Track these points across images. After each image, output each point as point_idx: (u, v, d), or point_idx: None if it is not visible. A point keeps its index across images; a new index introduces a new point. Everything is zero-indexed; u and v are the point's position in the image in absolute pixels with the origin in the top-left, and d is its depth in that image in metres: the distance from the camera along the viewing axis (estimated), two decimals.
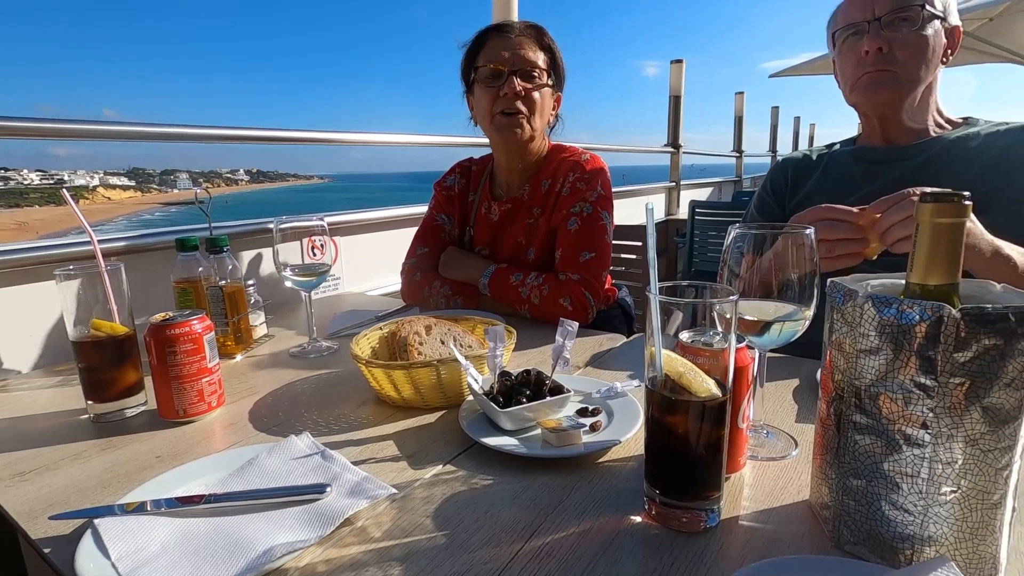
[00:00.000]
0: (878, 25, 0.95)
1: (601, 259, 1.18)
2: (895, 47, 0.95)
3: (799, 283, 0.58)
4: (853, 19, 0.99)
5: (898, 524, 0.43)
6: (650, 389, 0.50)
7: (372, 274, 1.75)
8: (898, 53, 0.95)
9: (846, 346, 0.45)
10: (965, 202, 0.41)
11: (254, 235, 1.39)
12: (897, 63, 0.95)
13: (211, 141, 1.38)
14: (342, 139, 1.72)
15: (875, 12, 0.95)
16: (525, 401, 0.67)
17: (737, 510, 0.53)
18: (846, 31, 1.00)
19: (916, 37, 0.94)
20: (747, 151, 5.65)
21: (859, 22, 0.98)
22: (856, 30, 0.99)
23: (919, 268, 0.43)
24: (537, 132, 1.22)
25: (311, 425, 0.73)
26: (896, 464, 0.42)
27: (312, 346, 1.04)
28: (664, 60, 25.92)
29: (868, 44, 0.96)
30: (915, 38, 0.94)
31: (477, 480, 0.59)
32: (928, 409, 0.40)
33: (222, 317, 1.00)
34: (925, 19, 0.94)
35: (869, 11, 0.96)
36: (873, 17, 0.96)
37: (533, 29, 1.21)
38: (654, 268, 0.49)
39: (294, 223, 1.04)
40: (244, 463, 0.60)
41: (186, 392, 0.74)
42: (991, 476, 0.40)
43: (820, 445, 0.49)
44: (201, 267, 1.01)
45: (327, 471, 0.58)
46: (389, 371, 0.74)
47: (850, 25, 0.99)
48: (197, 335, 0.74)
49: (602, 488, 0.57)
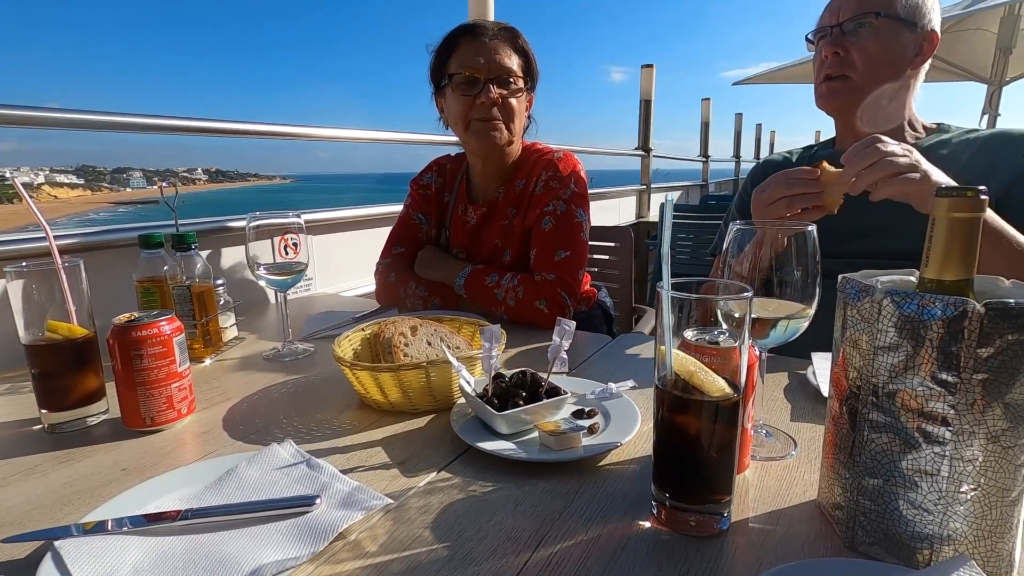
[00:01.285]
0: (840, 30, 0.99)
1: (577, 257, 1.16)
2: (852, 51, 0.98)
3: (801, 280, 0.58)
4: (823, 24, 1.02)
5: (916, 523, 0.42)
6: (660, 389, 0.49)
7: (346, 274, 1.69)
8: (855, 58, 0.98)
9: (862, 343, 0.44)
10: (982, 196, 0.41)
11: (222, 233, 1.32)
12: (853, 68, 0.98)
13: (167, 133, 1.30)
14: (307, 134, 1.65)
15: (839, 17, 0.99)
16: (522, 403, 0.64)
17: (746, 512, 0.52)
18: (817, 35, 1.04)
19: (872, 43, 0.97)
20: (712, 156, 5.78)
21: (826, 27, 1.01)
22: (823, 34, 1.02)
23: (935, 263, 0.42)
24: (515, 137, 1.20)
25: (292, 432, 0.69)
26: (915, 462, 0.41)
27: (287, 349, 0.99)
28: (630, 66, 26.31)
29: (826, 48, 0.99)
30: (871, 44, 0.97)
31: (475, 487, 0.56)
32: (949, 406, 0.39)
33: (190, 318, 0.94)
34: (884, 26, 0.97)
35: (835, 16, 1.00)
36: (837, 22, 0.99)
37: (508, 31, 1.17)
38: (667, 264, 0.47)
39: (268, 220, 0.99)
40: (222, 474, 0.56)
41: (154, 399, 0.68)
42: (1011, 473, 0.40)
43: (832, 444, 0.48)
44: (167, 265, 0.94)
45: (315, 481, 0.55)
46: (376, 374, 0.70)
47: (819, 29, 1.03)
48: (166, 337, 0.69)
49: (607, 492, 0.55)
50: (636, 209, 4.10)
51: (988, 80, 4.96)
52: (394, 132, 1.96)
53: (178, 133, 1.32)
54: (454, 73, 1.16)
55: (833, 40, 0.99)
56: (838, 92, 1.01)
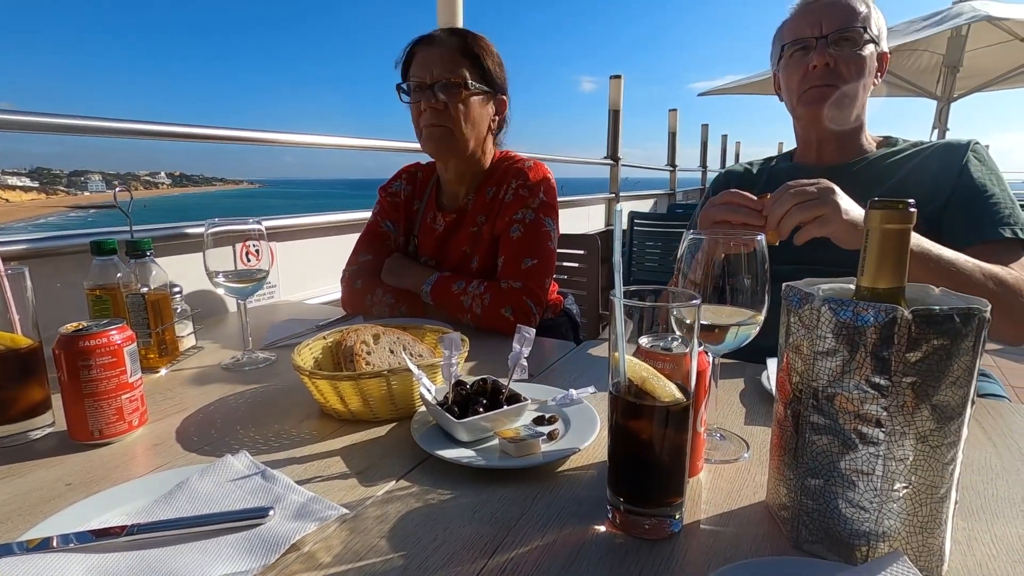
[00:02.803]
0: (825, 42, 1.02)
1: (544, 266, 1.17)
2: (840, 63, 1.01)
3: (751, 287, 0.60)
4: (801, 35, 1.04)
5: (854, 521, 0.44)
6: (614, 395, 0.50)
7: (311, 281, 1.67)
8: (842, 69, 1.01)
9: (804, 348, 0.46)
10: (910, 209, 0.43)
11: (181, 239, 1.29)
12: (841, 79, 1.02)
13: (130, 136, 1.27)
14: (275, 140, 1.64)
15: (823, 30, 1.02)
16: (482, 411, 0.64)
17: (698, 515, 0.53)
18: (793, 46, 1.06)
19: (857, 56, 1.01)
20: (679, 165, 5.90)
21: (807, 38, 1.03)
22: (804, 45, 1.04)
23: (869, 272, 0.45)
24: (470, 142, 1.19)
25: (248, 443, 0.67)
26: (852, 462, 0.43)
27: (247, 358, 0.97)
28: (601, 76, 26.37)
29: (816, 59, 1.02)
30: (856, 57, 1.01)
31: (434, 495, 0.56)
32: (882, 408, 0.41)
33: (144, 327, 0.92)
34: (865, 41, 1.01)
35: (817, 28, 1.02)
36: (821, 34, 1.02)
37: (456, 37, 1.18)
38: (619, 272, 0.48)
39: (227, 226, 0.97)
40: (172, 488, 0.54)
41: (102, 410, 0.66)
42: (938, 471, 0.42)
43: (777, 447, 0.50)
44: (120, 273, 0.92)
45: (269, 492, 0.54)
46: (335, 383, 0.69)
47: (798, 40, 1.05)
48: (116, 347, 0.67)
49: (564, 498, 0.55)
50: (605, 217, 4.15)
51: (938, 97, 5.21)
52: (364, 139, 1.95)
53: (137, 137, 1.28)
54: (408, 81, 1.18)
55: (820, 51, 1.01)
56: (828, 99, 1.03)
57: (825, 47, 1.01)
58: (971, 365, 0.41)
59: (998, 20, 4.03)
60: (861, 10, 1.02)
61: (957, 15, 4.07)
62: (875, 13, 1.03)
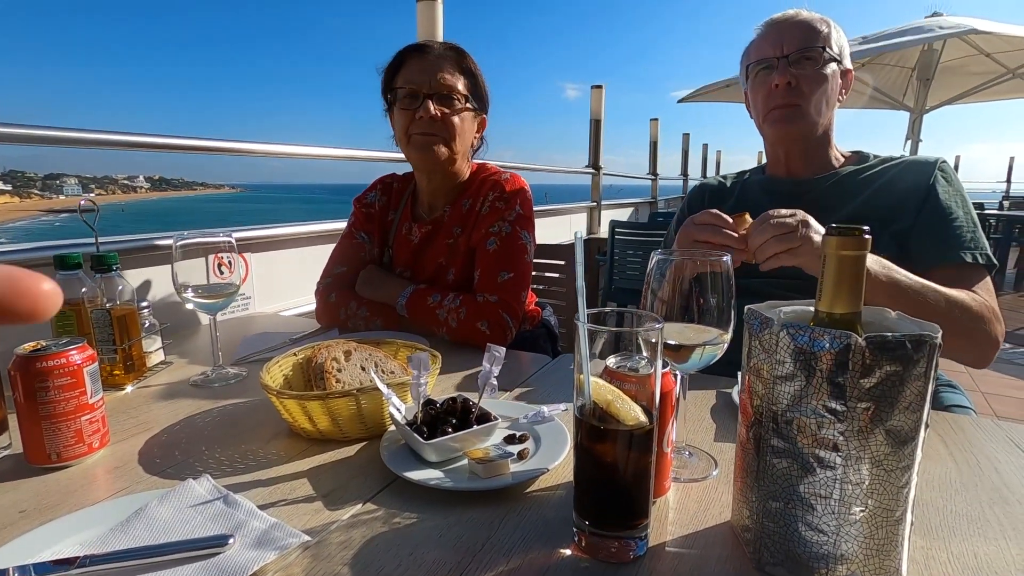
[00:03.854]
0: (786, 61, 1.05)
1: (520, 279, 1.18)
2: (801, 82, 1.04)
3: (718, 307, 0.60)
4: (765, 55, 1.07)
5: (814, 544, 0.44)
6: (578, 418, 0.50)
7: (287, 293, 1.65)
8: (804, 88, 1.04)
9: (764, 372, 0.46)
10: (865, 236, 0.44)
11: (150, 251, 1.26)
12: (803, 97, 1.04)
13: (101, 147, 1.24)
14: (255, 150, 1.62)
15: (784, 50, 1.05)
16: (451, 431, 0.64)
17: (664, 536, 0.53)
18: (758, 65, 1.09)
19: (818, 75, 1.04)
20: (661, 174, 5.97)
21: (770, 58, 1.07)
22: (767, 65, 1.07)
23: (826, 297, 0.45)
24: (457, 155, 1.20)
25: (213, 465, 0.66)
26: (811, 486, 0.44)
27: (216, 374, 0.95)
28: (584, 83, 26.78)
29: (778, 78, 1.04)
30: (817, 75, 1.04)
31: (400, 519, 0.55)
32: (839, 432, 0.42)
33: (110, 344, 0.90)
34: (825, 59, 1.04)
35: (779, 48, 1.05)
36: (782, 54, 1.05)
37: (453, 51, 1.19)
38: (582, 296, 0.49)
39: (197, 239, 0.96)
40: (130, 515, 0.53)
41: (60, 433, 0.64)
42: (894, 494, 0.42)
43: (740, 468, 0.50)
44: (85, 288, 0.90)
45: (230, 519, 0.53)
46: (304, 402, 0.68)
47: (762, 60, 1.08)
48: (75, 367, 0.65)
49: (531, 520, 0.55)
50: (587, 225, 4.17)
51: (911, 109, 5.35)
52: (343, 149, 1.94)
53: (112, 148, 1.26)
54: (398, 88, 1.17)
55: (781, 70, 1.04)
56: (792, 120, 1.06)
57: (787, 66, 1.04)
58: (923, 390, 0.41)
59: (968, 36, 4.16)
60: (822, 30, 1.05)
61: (929, 30, 4.19)
62: (836, 32, 1.06)
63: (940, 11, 4.59)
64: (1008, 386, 3.13)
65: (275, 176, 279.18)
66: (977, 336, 0.87)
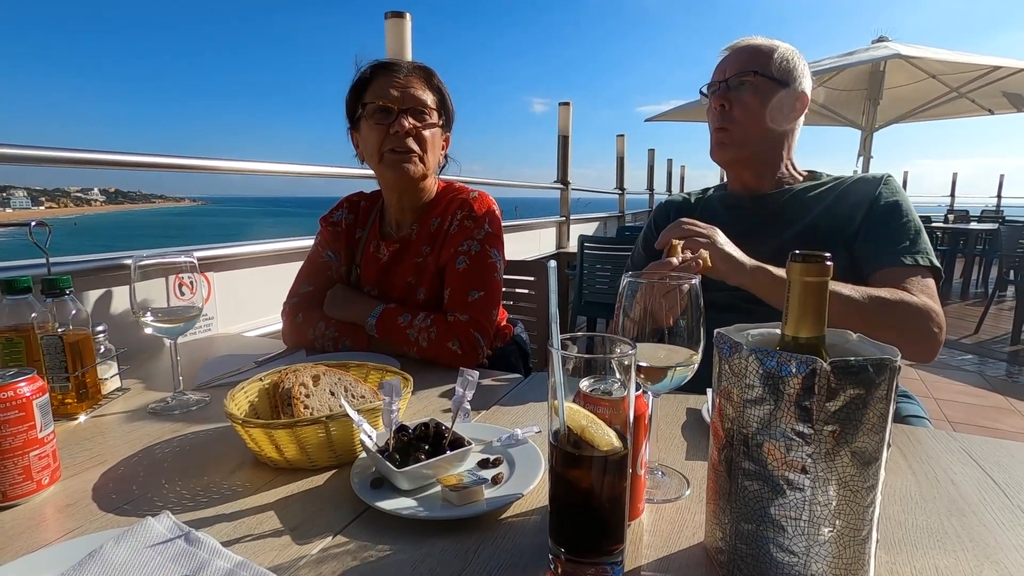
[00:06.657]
0: (725, 86, 1.11)
1: (491, 298, 1.18)
2: (734, 106, 1.10)
3: (687, 327, 0.61)
4: (713, 79, 1.14)
5: (785, 565, 0.45)
6: (553, 444, 0.49)
7: (251, 313, 1.60)
8: (735, 112, 1.10)
9: (734, 395, 0.47)
10: (827, 263, 0.45)
11: (106, 272, 1.22)
12: (733, 121, 1.10)
13: (51, 165, 1.20)
14: (214, 167, 1.58)
15: (725, 74, 1.11)
16: (424, 457, 0.63)
17: (639, 559, 0.53)
18: (709, 89, 1.16)
19: (750, 99, 1.09)
20: (628, 188, 6.08)
21: (715, 82, 1.13)
22: (714, 89, 1.14)
23: (792, 322, 0.47)
24: (429, 170, 1.21)
25: (173, 499, 0.63)
26: (781, 508, 0.45)
27: (176, 400, 0.92)
28: (551, 98, 27.03)
29: (714, 102, 1.12)
30: (749, 99, 1.09)
31: (372, 552, 0.54)
32: (807, 455, 0.43)
33: (61, 371, 0.85)
34: (759, 84, 1.09)
35: (722, 72, 1.12)
36: (723, 78, 1.11)
37: (422, 70, 1.20)
38: (556, 323, 0.49)
39: (157, 259, 0.93)
40: (83, 557, 0.50)
41: (7, 470, 0.61)
42: (860, 513, 0.44)
43: (713, 491, 0.51)
44: (35, 312, 0.85)
45: (192, 559, 0.50)
46: (270, 431, 0.66)
47: (710, 85, 1.15)
48: (24, 400, 0.62)
49: (506, 548, 0.54)
50: (556, 240, 4.21)
51: (862, 127, 5.60)
52: (308, 166, 1.92)
53: (63, 165, 1.21)
54: (368, 103, 1.16)
55: (720, 94, 1.11)
56: (724, 145, 1.13)
57: (726, 90, 1.10)
58: (885, 412, 0.43)
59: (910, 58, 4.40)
60: (765, 55, 1.09)
61: (874, 53, 4.43)
62: (784, 57, 1.10)
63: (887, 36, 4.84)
64: (959, 392, 3.28)
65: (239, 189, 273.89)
66: (911, 331, 0.92)
